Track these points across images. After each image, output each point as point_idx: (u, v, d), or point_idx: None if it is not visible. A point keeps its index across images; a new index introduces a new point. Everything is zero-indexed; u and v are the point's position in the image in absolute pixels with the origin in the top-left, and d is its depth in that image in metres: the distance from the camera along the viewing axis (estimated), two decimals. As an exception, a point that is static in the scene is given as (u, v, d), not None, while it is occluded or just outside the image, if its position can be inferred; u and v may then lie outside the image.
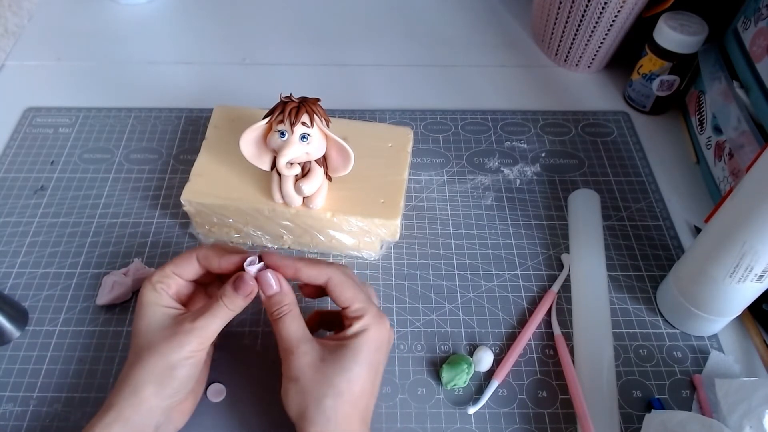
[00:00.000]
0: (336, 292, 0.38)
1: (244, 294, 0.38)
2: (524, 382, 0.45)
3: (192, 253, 0.40)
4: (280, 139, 0.42)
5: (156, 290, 0.39)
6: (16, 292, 0.49)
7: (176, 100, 0.64)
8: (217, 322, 0.38)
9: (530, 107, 0.64)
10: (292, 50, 0.71)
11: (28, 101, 0.63)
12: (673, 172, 0.59)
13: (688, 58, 0.58)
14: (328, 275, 0.38)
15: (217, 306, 0.37)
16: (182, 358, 0.36)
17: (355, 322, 0.38)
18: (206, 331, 0.37)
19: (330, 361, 0.36)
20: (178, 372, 0.36)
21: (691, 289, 0.44)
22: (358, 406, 0.36)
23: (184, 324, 0.37)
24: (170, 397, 0.37)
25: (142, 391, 0.36)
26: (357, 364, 0.36)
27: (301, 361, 0.36)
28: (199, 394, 0.41)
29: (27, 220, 0.53)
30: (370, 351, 0.37)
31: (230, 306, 0.38)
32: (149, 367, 0.36)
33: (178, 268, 0.40)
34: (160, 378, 0.36)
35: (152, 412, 0.36)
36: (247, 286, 0.38)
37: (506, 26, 0.75)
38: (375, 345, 0.38)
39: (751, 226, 0.37)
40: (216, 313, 0.37)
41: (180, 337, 0.36)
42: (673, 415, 0.40)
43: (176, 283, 0.40)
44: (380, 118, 0.62)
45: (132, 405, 0.36)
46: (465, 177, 0.57)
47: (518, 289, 0.50)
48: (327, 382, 0.36)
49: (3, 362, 0.45)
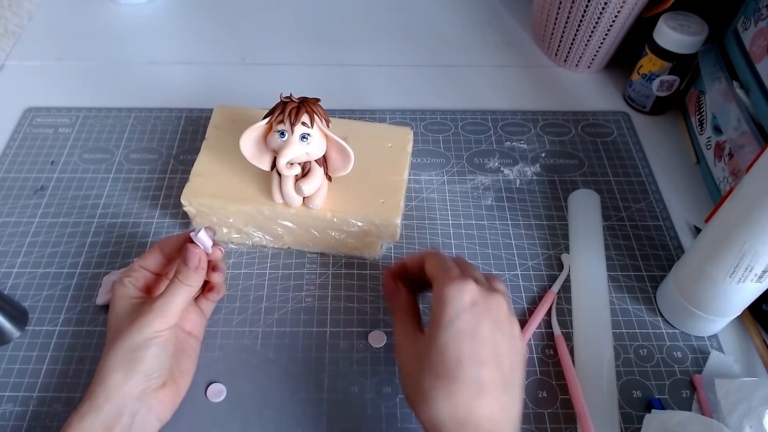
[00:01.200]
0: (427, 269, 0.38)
1: (193, 265, 0.38)
2: (524, 382, 0.45)
3: (156, 246, 0.42)
4: (280, 139, 0.42)
5: (124, 284, 0.40)
6: (16, 292, 0.49)
7: (176, 100, 0.64)
8: (177, 300, 0.38)
9: (530, 107, 0.64)
10: (292, 50, 0.71)
11: (28, 101, 0.63)
12: (673, 172, 0.59)
13: (688, 59, 0.58)
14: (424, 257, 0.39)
15: (173, 284, 0.39)
16: (144, 339, 0.37)
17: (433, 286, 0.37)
18: (166, 310, 0.38)
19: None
20: (143, 353, 0.37)
21: (691, 289, 0.44)
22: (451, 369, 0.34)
23: (145, 306, 0.38)
24: (141, 383, 0.37)
25: (110, 378, 0.36)
26: (437, 327, 0.35)
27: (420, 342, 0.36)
28: (183, 386, 0.41)
29: (27, 220, 0.53)
30: (448, 306, 0.35)
31: (185, 281, 0.39)
32: (114, 352, 0.37)
33: (144, 261, 0.42)
34: (126, 362, 0.37)
35: (124, 399, 0.36)
36: (194, 255, 0.39)
37: (506, 26, 0.75)
38: (448, 300, 0.35)
39: (751, 226, 0.37)
40: (174, 291, 0.38)
41: (141, 318, 0.37)
42: (673, 415, 0.40)
43: (144, 276, 0.42)
44: (380, 118, 0.62)
45: (102, 393, 0.36)
46: (465, 177, 0.57)
47: (518, 289, 0.50)
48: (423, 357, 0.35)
49: (3, 362, 0.45)
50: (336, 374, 0.45)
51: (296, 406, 0.43)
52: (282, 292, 0.49)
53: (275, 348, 0.46)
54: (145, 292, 0.41)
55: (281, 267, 0.51)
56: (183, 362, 0.41)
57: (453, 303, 0.35)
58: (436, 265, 0.37)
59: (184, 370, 0.41)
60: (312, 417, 0.43)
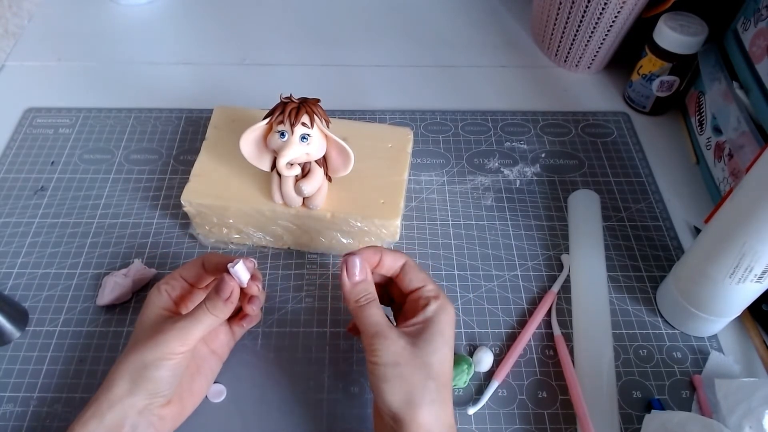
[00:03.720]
0: (411, 273, 0.39)
1: (224, 297, 0.37)
2: (524, 383, 0.45)
3: (199, 259, 0.41)
4: (280, 139, 0.42)
5: (159, 291, 0.39)
6: (16, 292, 0.49)
7: (176, 101, 0.64)
8: (199, 326, 0.37)
9: (530, 108, 0.64)
10: (292, 50, 0.71)
11: (29, 102, 0.63)
12: (673, 172, 0.59)
13: (687, 59, 0.58)
14: (404, 258, 0.40)
15: (200, 309, 0.37)
16: (157, 358, 0.36)
17: (432, 302, 0.38)
18: (187, 334, 0.37)
19: (422, 345, 0.36)
20: (152, 373, 0.36)
21: (691, 289, 0.44)
22: (448, 385, 0.36)
23: (166, 324, 0.37)
24: (145, 398, 0.36)
25: (116, 387, 0.36)
26: (445, 344, 0.36)
27: (398, 344, 0.35)
28: (189, 405, 0.40)
29: (27, 220, 0.53)
30: (451, 329, 0.37)
31: (212, 310, 0.37)
32: (126, 362, 0.36)
33: (185, 271, 0.41)
34: (135, 376, 0.36)
35: (126, 410, 0.36)
36: (226, 287, 0.37)
37: (506, 26, 0.75)
38: (452, 324, 0.38)
39: (751, 227, 0.37)
40: (198, 317, 0.37)
41: (158, 336, 0.36)
42: (672, 416, 0.40)
43: (181, 285, 0.40)
44: (380, 119, 0.62)
45: (106, 401, 0.36)
46: (465, 177, 0.57)
47: (518, 290, 0.50)
48: (426, 366, 0.35)
49: (3, 363, 0.45)
50: (336, 374, 0.45)
51: (296, 406, 0.43)
52: (282, 292, 0.49)
53: (275, 348, 0.46)
54: (178, 301, 0.41)
55: (281, 267, 0.51)
56: (196, 382, 0.40)
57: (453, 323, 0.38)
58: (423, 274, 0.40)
59: (195, 389, 0.40)
60: (312, 417, 0.43)
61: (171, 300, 0.40)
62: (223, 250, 0.51)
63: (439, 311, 0.37)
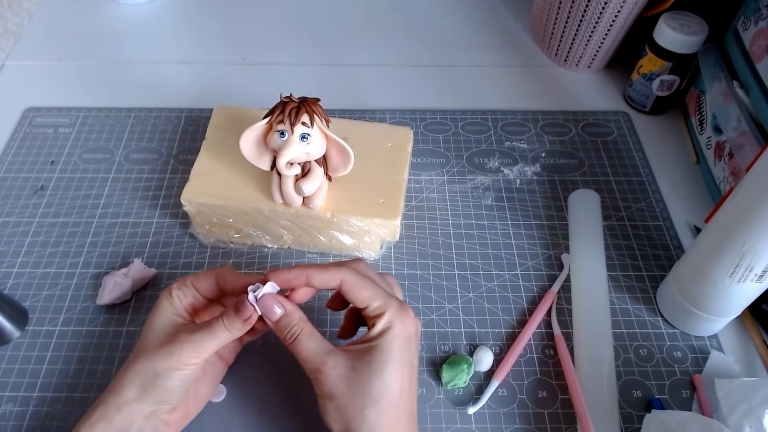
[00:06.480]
0: (352, 295, 0.36)
1: (243, 317, 0.36)
2: (524, 382, 0.45)
3: (212, 271, 0.40)
4: (280, 139, 0.42)
5: (171, 296, 0.39)
6: (16, 292, 0.49)
7: (176, 100, 0.64)
8: (213, 340, 0.36)
9: (530, 107, 0.64)
10: (292, 50, 0.71)
11: (28, 101, 0.63)
12: (673, 172, 0.59)
13: (688, 58, 0.58)
14: (340, 278, 0.36)
15: (216, 324, 0.36)
16: (168, 368, 0.36)
17: (377, 321, 0.35)
18: (201, 346, 0.36)
19: (361, 369, 0.34)
20: (163, 382, 0.36)
21: (691, 289, 0.44)
22: (400, 407, 0.35)
23: (181, 334, 0.36)
24: (153, 405, 0.36)
25: (125, 392, 0.36)
26: (388, 365, 0.34)
27: (331, 376, 0.34)
28: (193, 410, 0.40)
29: (27, 220, 0.53)
30: (400, 347, 0.35)
31: (229, 327, 0.36)
32: (136, 369, 0.36)
33: (197, 281, 0.40)
34: (145, 383, 0.36)
35: (133, 415, 0.36)
36: (246, 309, 0.36)
37: (506, 26, 0.75)
38: (403, 341, 0.35)
39: (751, 226, 0.37)
40: (213, 331, 0.36)
41: (172, 346, 0.36)
42: (673, 415, 0.40)
43: (193, 294, 0.40)
44: (380, 118, 0.62)
45: (114, 404, 0.36)
46: (465, 177, 0.57)
47: (518, 289, 0.50)
48: (364, 392, 0.34)
49: (3, 362, 0.45)
50: (336, 374, 0.45)
51: (296, 406, 0.43)
52: (282, 292, 0.49)
53: (275, 348, 0.46)
54: (190, 310, 0.40)
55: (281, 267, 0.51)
56: (201, 387, 0.40)
57: (404, 339, 0.35)
58: (367, 292, 0.36)
59: (200, 394, 0.40)
60: (312, 417, 0.43)
61: (182, 307, 0.39)
62: (223, 250, 0.51)
63: (385, 330, 0.35)
